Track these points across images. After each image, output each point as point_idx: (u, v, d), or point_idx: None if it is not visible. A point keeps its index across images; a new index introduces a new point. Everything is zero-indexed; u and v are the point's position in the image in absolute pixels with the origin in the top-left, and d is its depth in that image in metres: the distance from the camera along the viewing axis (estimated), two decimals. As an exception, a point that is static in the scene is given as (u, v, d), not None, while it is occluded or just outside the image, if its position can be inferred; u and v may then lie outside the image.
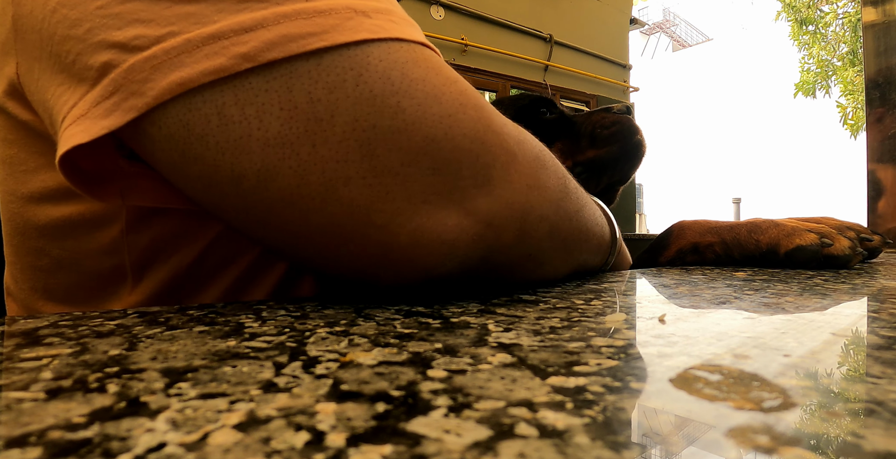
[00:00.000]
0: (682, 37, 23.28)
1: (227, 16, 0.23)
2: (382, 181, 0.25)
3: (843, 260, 0.51)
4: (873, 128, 1.43)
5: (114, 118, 0.23)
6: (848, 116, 7.66)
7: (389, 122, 0.24)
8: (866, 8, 1.48)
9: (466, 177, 0.27)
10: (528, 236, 0.30)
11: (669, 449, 0.12)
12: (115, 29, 0.24)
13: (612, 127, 0.68)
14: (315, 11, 0.24)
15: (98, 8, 0.24)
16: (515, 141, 0.29)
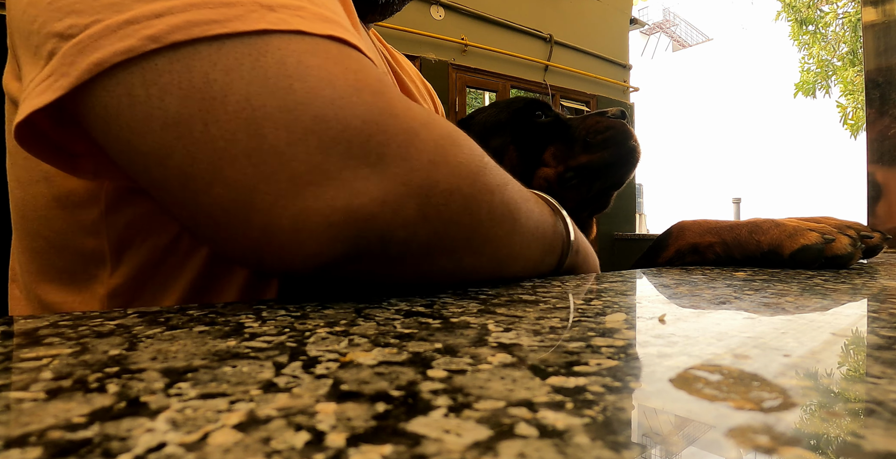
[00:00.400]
0: (682, 37, 23.28)
1: (143, 4, 0.25)
2: (267, 160, 0.25)
3: (846, 259, 0.51)
4: (873, 128, 1.43)
5: (45, 96, 0.25)
6: (848, 116, 7.66)
7: (279, 102, 0.25)
8: (866, 8, 1.48)
9: (357, 156, 0.27)
10: (437, 211, 0.29)
11: (669, 449, 0.12)
12: (56, 21, 0.26)
13: (605, 132, 0.67)
14: (221, 3, 0.26)
15: (48, 3, 0.27)
16: (420, 122, 0.29)
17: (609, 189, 0.71)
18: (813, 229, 0.53)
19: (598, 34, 4.75)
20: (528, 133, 0.69)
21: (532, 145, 0.69)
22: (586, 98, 4.61)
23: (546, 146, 0.69)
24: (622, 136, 0.66)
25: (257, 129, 0.25)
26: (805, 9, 8.03)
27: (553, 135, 0.70)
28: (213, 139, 0.25)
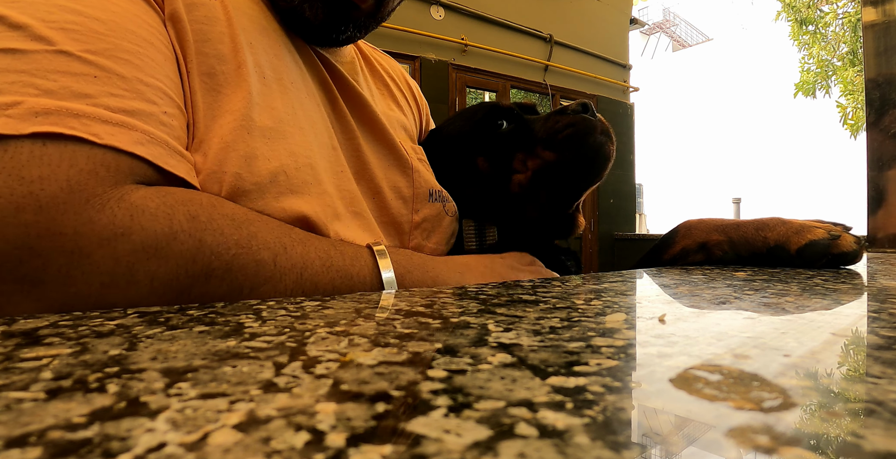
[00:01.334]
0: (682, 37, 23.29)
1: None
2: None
3: (851, 256, 0.52)
4: (873, 128, 1.43)
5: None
6: (848, 116, 7.66)
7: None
8: (866, 8, 1.48)
9: (10, 280, 0.26)
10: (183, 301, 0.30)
11: (669, 449, 0.12)
12: None
13: (564, 130, 0.61)
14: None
15: None
16: (97, 240, 0.28)
17: (585, 185, 0.66)
18: (819, 226, 0.53)
19: (598, 34, 4.75)
20: (494, 143, 0.66)
21: (500, 154, 0.65)
22: (586, 98, 4.61)
23: (514, 153, 0.64)
24: (583, 133, 0.60)
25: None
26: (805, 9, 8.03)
27: (517, 141, 0.65)
28: None
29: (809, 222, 0.56)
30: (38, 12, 0.31)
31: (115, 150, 0.31)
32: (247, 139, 0.39)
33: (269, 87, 0.42)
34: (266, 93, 0.41)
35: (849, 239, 0.52)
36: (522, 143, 0.65)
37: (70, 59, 0.31)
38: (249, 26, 0.43)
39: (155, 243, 0.29)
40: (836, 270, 0.53)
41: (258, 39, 0.43)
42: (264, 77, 0.42)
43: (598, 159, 0.62)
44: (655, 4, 22.83)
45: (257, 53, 0.43)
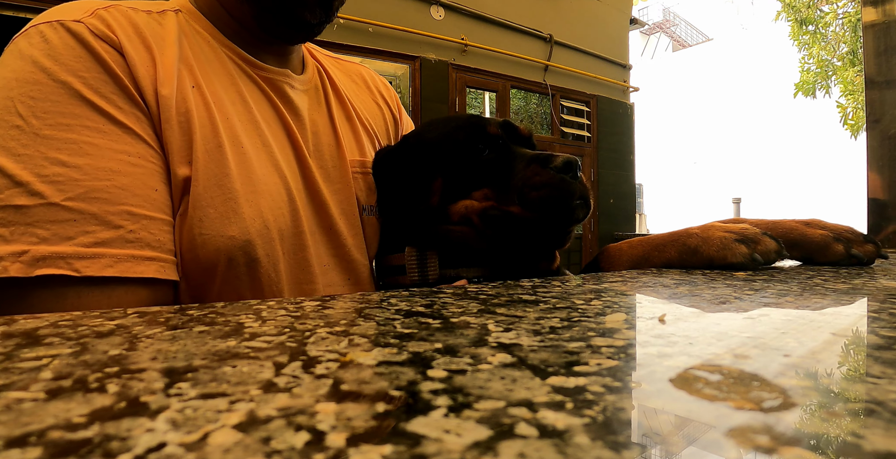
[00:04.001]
0: (682, 37, 23.28)
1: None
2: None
3: (749, 267, 0.54)
4: (873, 128, 1.43)
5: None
6: (848, 116, 7.66)
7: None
8: (866, 8, 1.48)
9: None
10: None
11: (669, 449, 0.12)
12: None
13: (541, 189, 0.56)
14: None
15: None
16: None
17: (540, 245, 0.61)
18: (738, 239, 0.56)
19: (598, 34, 4.75)
20: (464, 168, 0.62)
21: (465, 182, 0.61)
22: (586, 98, 4.60)
23: (480, 185, 0.60)
24: (559, 198, 0.55)
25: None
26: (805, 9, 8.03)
27: (491, 175, 0.60)
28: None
29: (727, 227, 0.58)
30: (35, 167, 0.42)
31: (102, 281, 0.43)
32: (236, 206, 0.50)
33: (243, 155, 0.52)
34: (240, 163, 0.52)
35: (769, 246, 0.56)
36: (496, 178, 0.60)
37: (57, 209, 0.42)
38: (224, 98, 0.54)
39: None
40: (836, 270, 0.53)
41: (233, 108, 0.54)
42: (241, 146, 0.53)
43: (563, 225, 0.58)
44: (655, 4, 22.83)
45: (231, 124, 0.53)
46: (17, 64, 0.45)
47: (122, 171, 0.45)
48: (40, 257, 0.41)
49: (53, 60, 0.45)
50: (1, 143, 0.43)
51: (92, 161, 0.44)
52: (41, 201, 0.42)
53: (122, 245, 0.44)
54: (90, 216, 0.43)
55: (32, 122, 0.43)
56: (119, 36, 0.48)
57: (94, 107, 0.46)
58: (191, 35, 0.55)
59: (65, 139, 0.44)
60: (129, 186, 0.45)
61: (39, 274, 0.40)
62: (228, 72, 0.56)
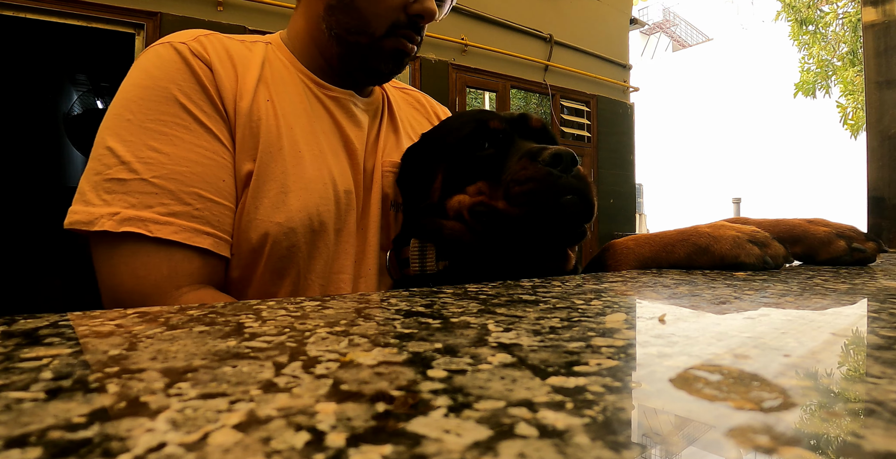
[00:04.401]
0: (682, 37, 23.29)
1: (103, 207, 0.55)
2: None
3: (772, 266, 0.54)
4: (873, 128, 1.43)
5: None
6: (848, 116, 7.66)
7: (95, 266, 0.57)
8: (866, 8, 1.48)
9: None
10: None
11: (669, 449, 0.12)
12: (93, 193, 0.55)
13: (525, 183, 0.54)
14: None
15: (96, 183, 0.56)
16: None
17: (532, 245, 0.59)
18: (751, 240, 0.55)
19: (598, 34, 4.75)
20: (464, 163, 0.62)
21: (462, 176, 0.61)
22: (586, 98, 4.61)
23: (476, 180, 0.59)
24: (542, 193, 0.53)
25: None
26: (805, 9, 8.03)
27: (488, 169, 0.60)
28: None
29: (739, 228, 0.57)
30: (136, 150, 0.55)
31: (168, 243, 0.54)
32: (286, 198, 0.60)
33: (300, 159, 0.63)
34: (295, 164, 0.62)
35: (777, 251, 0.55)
36: (489, 175, 0.59)
37: (145, 184, 0.54)
38: (290, 111, 0.65)
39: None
40: (836, 270, 0.53)
41: (297, 120, 0.65)
42: (299, 151, 0.63)
43: (552, 222, 0.55)
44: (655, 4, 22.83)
45: (293, 133, 0.64)
46: (136, 73, 0.59)
47: (198, 162, 0.57)
48: (127, 218, 0.53)
49: (160, 71, 0.59)
50: (116, 131, 0.56)
51: (177, 150, 0.56)
52: (136, 177, 0.54)
53: (188, 219, 0.55)
54: (168, 192, 0.55)
55: (138, 117, 0.56)
56: (211, 57, 0.62)
57: (185, 109, 0.58)
58: (273, 61, 0.69)
59: (160, 131, 0.56)
60: (202, 174, 0.57)
61: (124, 231, 0.52)
62: (299, 92, 0.68)
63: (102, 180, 0.55)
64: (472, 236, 0.60)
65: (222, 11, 2.82)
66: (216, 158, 0.59)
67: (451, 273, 0.61)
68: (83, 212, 0.54)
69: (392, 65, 0.70)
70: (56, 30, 2.71)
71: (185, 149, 0.57)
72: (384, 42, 0.68)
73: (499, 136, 0.63)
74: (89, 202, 0.54)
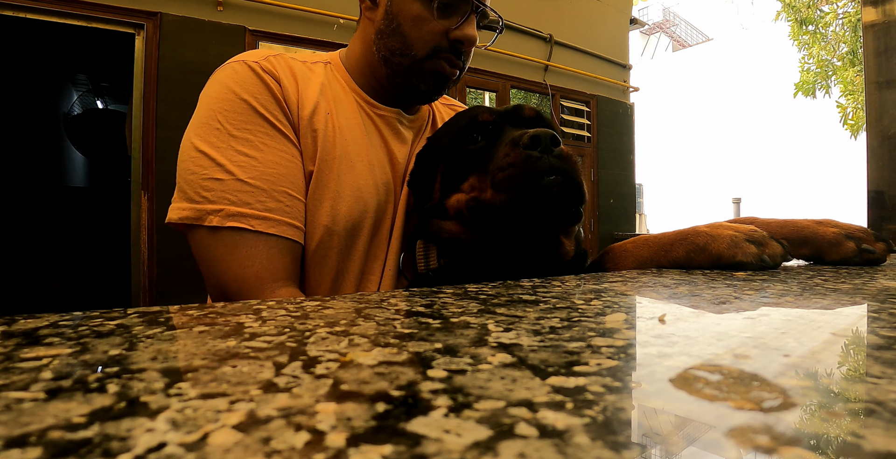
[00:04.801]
0: (682, 37, 23.28)
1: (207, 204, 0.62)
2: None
3: (772, 265, 0.54)
4: (873, 128, 1.43)
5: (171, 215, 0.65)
6: (848, 116, 7.66)
7: (197, 259, 0.65)
8: (866, 8, 1.48)
9: (223, 298, 0.63)
10: None
11: (669, 449, 0.12)
12: (192, 190, 0.63)
13: (507, 169, 0.54)
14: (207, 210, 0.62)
15: (192, 178, 0.63)
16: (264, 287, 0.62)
17: (530, 227, 0.58)
18: (749, 239, 0.55)
19: (598, 34, 4.75)
20: (458, 159, 0.64)
21: (459, 170, 0.62)
22: (586, 98, 4.60)
23: (468, 175, 0.60)
24: (522, 176, 0.53)
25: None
26: (805, 9, 8.03)
27: (479, 162, 0.60)
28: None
29: (738, 228, 0.57)
30: (228, 155, 0.63)
31: (266, 235, 0.61)
32: (336, 203, 0.68)
33: (352, 169, 0.70)
34: (346, 173, 0.70)
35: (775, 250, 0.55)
36: (480, 165, 0.59)
37: (241, 184, 0.62)
38: (345, 125, 0.72)
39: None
40: (836, 270, 0.53)
41: (350, 134, 0.72)
42: (351, 162, 0.70)
43: (536, 205, 0.54)
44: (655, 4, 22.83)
45: (346, 144, 0.71)
46: (216, 88, 0.67)
47: (282, 164, 0.65)
48: (230, 214, 0.60)
49: (239, 85, 0.66)
50: (207, 139, 0.63)
51: (264, 154, 0.64)
52: (232, 177, 0.62)
53: (282, 214, 0.63)
54: (262, 190, 0.62)
55: (226, 126, 0.64)
56: (279, 73, 0.69)
57: (264, 118, 0.66)
58: (331, 80, 0.76)
59: (246, 138, 0.64)
60: (286, 175, 0.65)
61: (229, 226, 0.60)
62: (353, 109, 0.75)
63: (200, 179, 0.61)
64: (470, 234, 0.61)
65: (222, 11, 2.82)
66: (295, 161, 0.67)
67: (449, 270, 0.63)
68: (190, 209, 0.61)
69: (433, 85, 0.75)
70: (56, 30, 2.71)
71: (270, 154, 0.64)
72: (425, 64, 0.73)
73: (489, 128, 0.64)
74: (192, 199, 0.61)
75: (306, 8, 3.02)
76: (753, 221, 0.64)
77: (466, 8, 0.73)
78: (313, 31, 3.06)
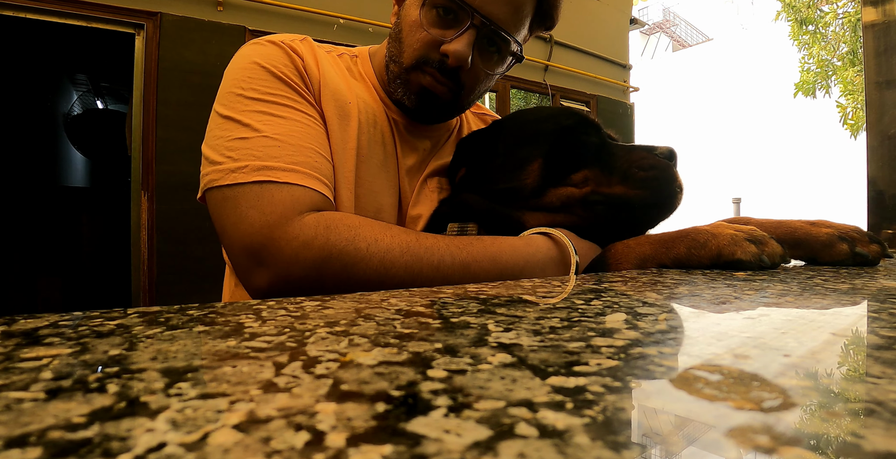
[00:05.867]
0: (682, 37, 23.29)
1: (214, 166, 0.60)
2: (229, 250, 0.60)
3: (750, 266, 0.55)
4: (873, 128, 1.43)
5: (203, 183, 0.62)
6: (848, 116, 7.66)
7: (219, 227, 0.59)
8: (866, 8, 1.48)
9: (254, 264, 0.56)
10: (325, 275, 0.54)
11: (669, 449, 0.12)
12: (215, 153, 0.61)
13: (649, 171, 0.63)
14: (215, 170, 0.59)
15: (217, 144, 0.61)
16: (287, 241, 0.54)
17: (638, 225, 0.66)
18: (748, 238, 0.55)
19: (598, 34, 4.75)
20: (567, 151, 0.67)
21: (564, 164, 0.66)
22: (586, 98, 4.60)
23: (580, 168, 0.65)
24: (665, 179, 0.62)
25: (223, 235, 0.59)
26: (805, 9, 8.03)
27: (592, 158, 0.65)
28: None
29: (738, 228, 0.58)
30: (252, 117, 0.61)
31: (292, 184, 0.58)
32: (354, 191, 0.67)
33: (367, 163, 0.69)
34: (363, 168, 0.69)
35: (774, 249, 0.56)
36: (597, 162, 0.65)
37: (268, 139, 0.59)
38: (365, 123, 0.70)
39: (308, 241, 0.54)
40: (836, 270, 0.53)
41: (369, 132, 0.71)
42: (364, 156, 0.69)
43: (668, 207, 0.62)
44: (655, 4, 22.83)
45: (362, 144, 0.69)
46: (239, 61, 0.66)
47: (308, 125, 0.63)
48: (256, 168, 0.58)
49: (261, 57, 0.65)
50: (231, 106, 0.62)
51: (290, 114, 0.63)
52: (258, 134, 0.59)
53: (310, 168, 0.60)
54: (290, 145, 0.60)
55: (249, 92, 0.62)
56: (303, 53, 0.68)
57: (288, 85, 0.64)
58: (355, 74, 0.76)
59: (273, 101, 0.63)
60: (313, 135, 0.63)
61: (254, 180, 0.57)
62: (371, 104, 0.72)
63: (225, 141, 0.60)
64: (587, 226, 0.65)
65: (222, 11, 2.82)
66: (318, 126, 0.65)
67: None
68: (213, 171, 0.58)
69: (416, 101, 0.71)
70: (56, 30, 2.71)
71: (296, 114, 0.63)
72: (410, 76, 0.69)
73: (600, 132, 0.69)
74: (215, 162, 0.59)
75: (306, 8, 3.02)
76: (748, 222, 0.65)
77: (466, 22, 0.65)
78: (313, 31, 3.06)
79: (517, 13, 0.67)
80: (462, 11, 0.65)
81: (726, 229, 0.57)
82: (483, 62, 0.69)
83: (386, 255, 0.55)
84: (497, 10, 0.65)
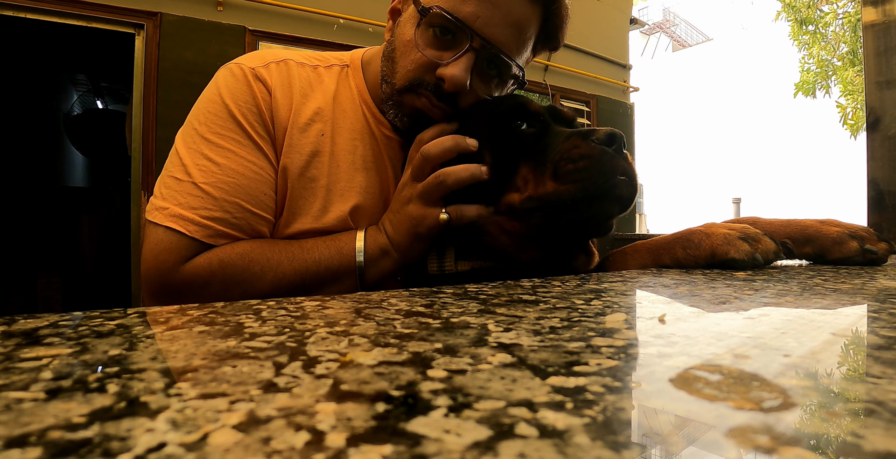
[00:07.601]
0: (682, 37, 23.29)
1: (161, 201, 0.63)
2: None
3: (747, 264, 0.54)
4: (873, 128, 1.43)
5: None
6: (848, 116, 7.66)
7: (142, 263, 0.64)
8: (866, 8, 1.48)
9: (155, 297, 0.62)
10: (226, 297, 0.59)
11: (669, 449, 0.12)
12: (158, 189, 0.64)
13: (578, 161, 0.53)
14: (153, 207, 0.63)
15: (164, 184, 0.64)
16: (180, 283, 0.61)
17: (586, 226, 0.58)
18: (742, 237, 0.55)
19: (598, 34, 4.75)
20: (505, 144, 0.59)
21: (507, 159, 0.59)
22: (586, 98, 4.60)
23: (519, 165, 0.57)
24: (597, 170, 0.53)
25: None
26: (805, 9, 8.03)
27: (530, 151, 0.57)
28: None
29: (732, 226, 0.58)
30: (195, 157, 0.62)
31: (197, 240, 0.60)
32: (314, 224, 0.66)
33: (343, 197, 0.68)
34: (334, 202, 0.67)
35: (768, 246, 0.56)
36: (534, 155, 0.57)
37: (195, 188, 0.61)
38: (340, 149, 0.69)
39: (199, 279, 0.60)
40: (836, 270, 0.53)
41: (344, 159, 0.69)
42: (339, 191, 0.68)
43: (610, 199, 0.54)
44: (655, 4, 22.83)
45: (339, 171, 0.68)
46: (211, 87, 0.66)
47: (245, 175, 0.63)
48: (173, 214, 0.60)
49: (227, 90, 0.65)
50: (184, 137, 0.64)
51: (228, 162, 0.62)
52: (189, 179, 0.61)
53: (226, 225, 0.61)
54: (213, 198, 0.61)
55: (201, 128, 0.63)
56: (273, 83, 0.66)
57: (240, 126, 0.64)
58: (342, 89, 0.71)
59: (217, 143, 0.63)
60: (246, 186, 0.63)
61: (167, 225, 0.60)
62: (358, 127, 0.70)
63: (166, 175, 0.63)
64: (536, 234, 0.58)
65: (222, 11, 2.82)
66: (262, 173, 0.64)
67: (483, 273, 0.61)
68: (151, 198, 0.63)
69: (409, 123, 0.67)
70: (56, 30, 2.71)
71: (234, 162, 0.63)
72: (403, 97, 0.64)
73: (539, 119, 0.61)
74: (155, 194, 0.63)
75: (306, 8, 3.02)
76: (756, 222, 0.65)
77: (465, 44, 0.60)
78: (313, 31, 3.06)
79: (520, 36, 0.62)
80: (461, 33, 0.60)
81: (720, 229, 0.58)
82: (482, 86, 0.64)
83: (277, 270, 0.61)
84: (499, 33, 0.60)
